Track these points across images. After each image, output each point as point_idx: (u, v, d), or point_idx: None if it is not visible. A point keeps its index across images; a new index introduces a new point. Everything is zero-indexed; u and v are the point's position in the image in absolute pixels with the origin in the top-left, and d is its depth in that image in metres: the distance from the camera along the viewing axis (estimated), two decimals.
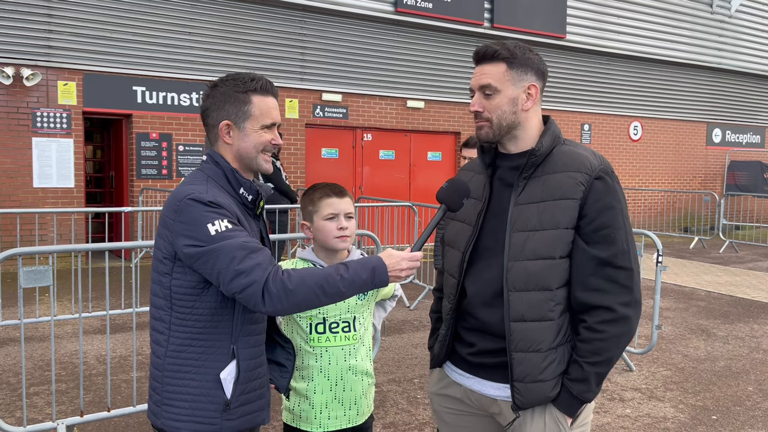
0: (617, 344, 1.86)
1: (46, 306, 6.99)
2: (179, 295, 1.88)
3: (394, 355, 5.73)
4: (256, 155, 1.97)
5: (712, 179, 17.25)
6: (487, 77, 1.94)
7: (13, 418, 4.19)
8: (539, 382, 1.88)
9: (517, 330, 1.88)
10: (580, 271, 1.87)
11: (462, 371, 2.06)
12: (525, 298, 1.88)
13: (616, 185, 1.91)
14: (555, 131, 1.99)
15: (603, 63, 14.72)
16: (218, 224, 1.79)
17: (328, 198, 2.31)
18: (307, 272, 1.80)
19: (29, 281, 3.66)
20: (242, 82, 1.94)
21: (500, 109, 1.94)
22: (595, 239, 1.86)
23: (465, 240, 2.02)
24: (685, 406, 4.70)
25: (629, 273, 1.87)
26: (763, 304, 8.14)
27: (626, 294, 1.86)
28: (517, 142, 1.99)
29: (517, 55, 1.93)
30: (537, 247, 1.87)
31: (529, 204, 1.91)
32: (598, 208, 1.86)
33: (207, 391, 1.90)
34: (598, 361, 1.86)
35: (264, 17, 10.82)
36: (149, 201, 9.87)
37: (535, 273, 1.87)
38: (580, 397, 1.88)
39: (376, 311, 2.61)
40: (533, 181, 1.93)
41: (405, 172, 12.64)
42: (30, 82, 9.02)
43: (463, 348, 2.04)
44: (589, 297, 1.87)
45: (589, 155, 1.94)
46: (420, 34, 12.28)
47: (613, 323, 1.85)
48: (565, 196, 1.87)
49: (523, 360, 1.88)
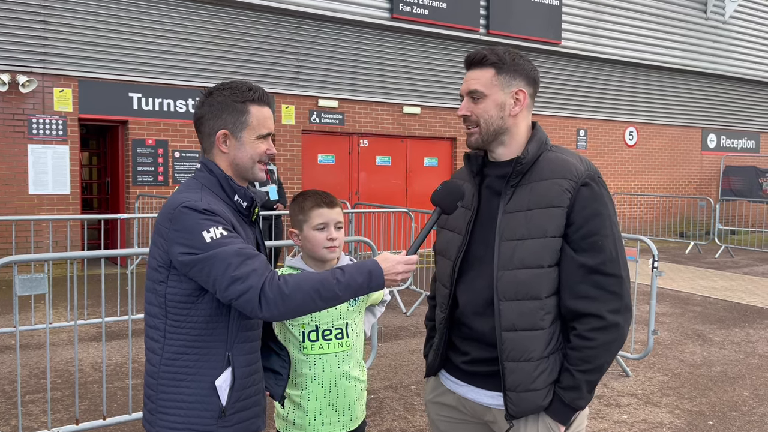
0: (607, 351, 1.85)
1: (42, 313, 6.97)
2: (174, 303, 1.88)
3: (391, 361, 5.72)
4: (252, 165, 1.97)
5: (708, 184, 17.30)
6: (475, 82, 1.95)
7: (9, 427, 4.17)
8: (531, 391, 1.88)
9: (508, 339, 1.88)
10: (569, 279, 1.86)
11: (456, 379, 2.05)
12: (515, 307, 1.87)
13: (603, 191, 1.89)
14: (541, 138, 1.98)
15: (598, 69, 14.77)
16: (213, 231, 1.79)
17: (318, 208, 2.31)
18: (303, 277, 1.80)
19: (25, 289, 3.65)
20: (240, 91, 1.94)
21: (487, 113, 1.94)
22: (583, 246, 1.85)
23: (455, 249, 2.01)
24: (682, 411, 4.70)
25: (618, 280, 1.85)
26: (759, 309, 8.16)
27: (615, 301, 1.85)
28: (505, 149, 1.99)
29: (506, 60, 1.93)
30: (525, 257, 1.86)
31: (517, 212, 1.90)
32: (585, 215, 1.85)
33: (202, 399, 1.90)
34: (588, 369, 1.85)
35: (259, 23, 10.83)
36: (145, 208, 9.86)
37: (525, 282, 1.86)
38: (572, 405, 1.87)
39: (366, 317, 2.60)
40: (521, 189, 1.92)
41: (401, 178, 12.65)
42: (26, 88, 9.02)
43: (457, 357, 2.04)
44: (578, 305, 1.86)
45: (575, 161, 1.92)
46: (416, 40, 12.31)
47: (602, 330, 1.84)
48: (551, 204, 1.86)
49: (515, 369, 1.88)
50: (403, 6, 11.58)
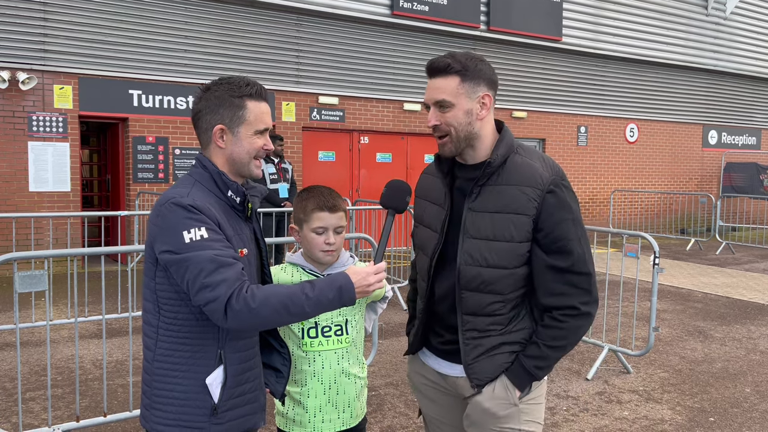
0: (575, 334, 2.02)
1: (42, 310, 6.97)
2: (165, 299, 1.89)
3: (392, 358, 5.72)
4: (248, 161, 1.97)
5: (709, 181, 17.28)
6: (441, 92, 1.99)
7: (9, 424, 4.17)
8: (491, 357, 2.04)
9: (468, 322, 2.04)
10: (543, 278, 2.01)
11: (435, 356, 2.21)
12: (477, 298, 2.02)
13: (567, 195, 2.00)
14: (509, 140, 2.05)
15: (599, 65, 14.75)
16: (194, 233, 1.78)
17: (319, 212, 2.30)
18: (272, 290, 1.79)
19: (25, 286, 3.65)
20: (237, 86, 1.93)
21: (457, 120, 1.99)
22: (553, 249, 1.98)
23: (432, 246, 2.13)
24: (683, 408, 4.70)
25: (587, 277, 2.01)
26: (760, 305, 8.16)
27: (585, 295, 2.01)
28: (474, 152, 2.06)
29: (469, 67, 1.97)
30: (490, 257, 1.99)
31: (483, 213, 2.00)
32: (552, 222, 1.97)
33: (194, 396, 1.90)
34: (555, 346, 2.01)
35: (259, 20, 10.82)
36: (146, 205, 9.85)
37: (488, 279, 2.00)
38: (531, 371, 2.02)
39: (367, 314, 2.59)
40: (486, 189, 2.01)
41: (402, 175, 12.64)
42: (26, 86, 9.01)
43: (434, 338, 2.20)
44: (552, 300, 2.01)
45: (539, 167, 2.00)
46: (416, 36, 12.29)
47: (575, 317, 2.01)
48: (518, 212, 1.97)
49: (475, 345, 2.04)
50: (404, 2, 11.56)
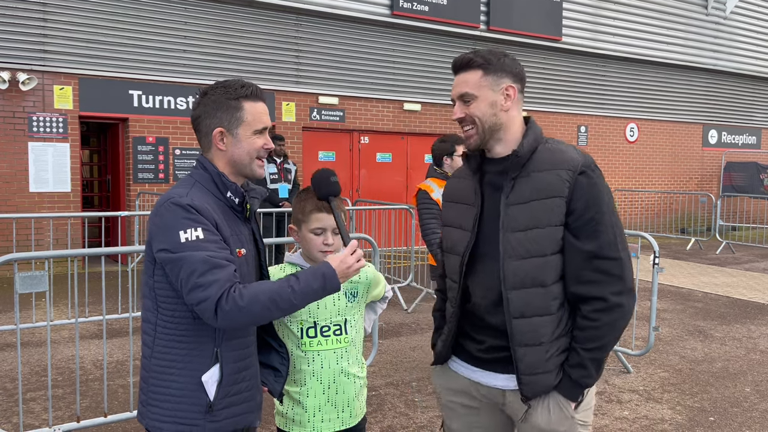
0: (611, 330, 1.95)
1: (43, 311, 6.97)
2: (163, 297, 1.92)
3: (392, 358, 5.72)
4: (250, 161, 2.00)
5: (709, 180, 17.28)
6: (465, 85, 2.02)
7: (10, 424, 4.18)
8: (543, 373, 1.97)
9: (518, 326, 1.97)
10: (572, 265, 1.96)
11: (468, 365, 2.13)
12: (522, 295, 1.96)
13: (599, 179, 1.97)
14: (536, 131, 2.06)
15: (599, 65, 14.75)
16: (190, 233, 1.82)
17: (318, 212, 2.30)
18: (260, 288, 1.83)
19: (25, 286, 3.66)
20: (233, 89, 1.97)
21: (480, 111, 2.00)
22: (582, 233, 1.93)
23: (464, 245, 2.09)
24: (683, 407, 4.70)
25: (618, 262, 1.94)
26: (760, 305, 8.15)
27: (617, 283, 1.93)
28: (502, 144, 2.06)
29: (492, 60, 2.00)
30: (529, 246, 1.95)
31: (519, 204, 1.98)
32: (583, 203, 1.93)
33: (189, 393, 1.92)
34: (592, 347, 1.94)
35: (259, 20, 10.82)
36: (146, 205, 9.85)
37: (529, 271, 1.95)
38: (580, 382, 1.96)
39: (367, 314, 2.59)
40: (520, 181, 1.99)
41: (402, 175, 12.65)
42: (26, 86, 9.01)
43: (471, 345, 2.12)
44: (581, 289, 1.95)
45: (571, 151, 2.00)
46: (416, 36, 12.29)
47: (606, 312, 1.93)
48: (551, 194, 1.94)
49: (527, 353, 1.97)
50: (404, 2, 11.56)
